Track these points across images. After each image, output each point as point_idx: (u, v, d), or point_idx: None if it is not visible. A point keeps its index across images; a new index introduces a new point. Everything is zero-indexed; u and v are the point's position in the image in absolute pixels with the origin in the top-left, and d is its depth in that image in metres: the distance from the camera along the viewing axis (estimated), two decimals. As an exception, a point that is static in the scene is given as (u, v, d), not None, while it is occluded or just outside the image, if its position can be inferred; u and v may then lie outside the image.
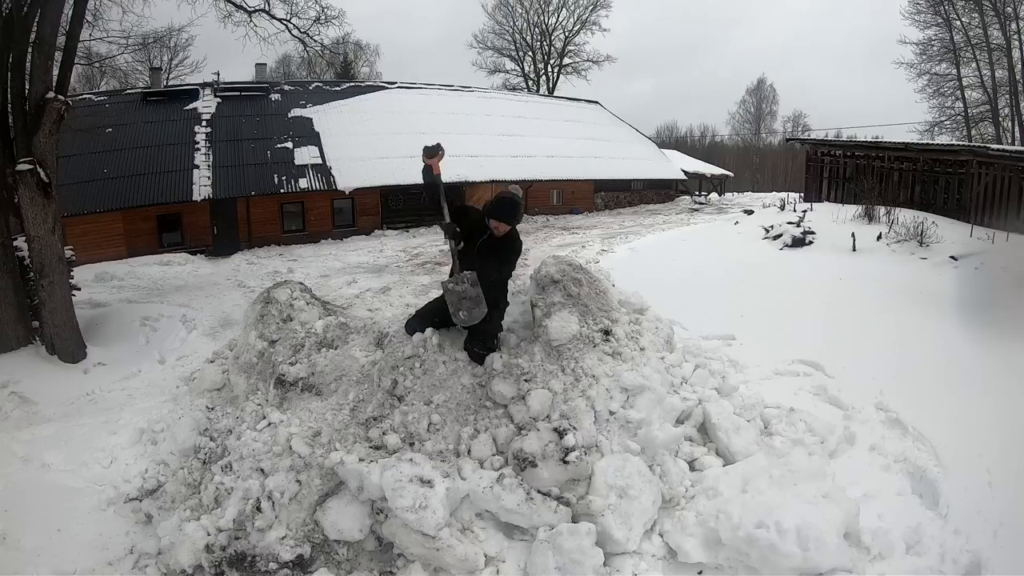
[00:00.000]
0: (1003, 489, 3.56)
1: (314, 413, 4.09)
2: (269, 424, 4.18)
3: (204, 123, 17.82)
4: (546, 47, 41.99)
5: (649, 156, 27.29)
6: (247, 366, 4.81)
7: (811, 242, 9.15)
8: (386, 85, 24.24)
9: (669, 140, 49.80)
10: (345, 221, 18.39)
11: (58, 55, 6.86)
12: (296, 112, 19.63)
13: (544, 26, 41.43)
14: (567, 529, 3.35)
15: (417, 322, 4.36)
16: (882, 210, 9.80)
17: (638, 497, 3.52)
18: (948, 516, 3.48)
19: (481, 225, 4.10)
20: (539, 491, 3.58)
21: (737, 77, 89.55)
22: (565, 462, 3.60)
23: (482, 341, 4.21)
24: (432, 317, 4.32)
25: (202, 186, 15.64)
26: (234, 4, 9.92)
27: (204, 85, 20.04)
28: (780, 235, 9.52)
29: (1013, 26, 24.84)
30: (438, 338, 4.26)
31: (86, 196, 14.17)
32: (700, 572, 3.30)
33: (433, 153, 4.01)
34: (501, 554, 3.46)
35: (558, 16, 41.02)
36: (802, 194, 15.58)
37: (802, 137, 22.98)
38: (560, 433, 3.72)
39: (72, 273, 7.26)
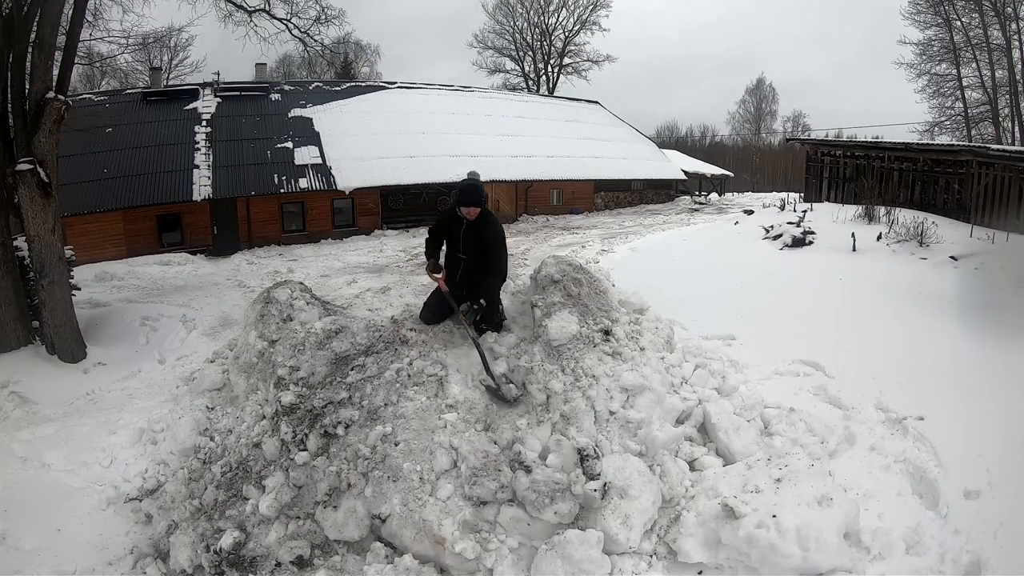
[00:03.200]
0: (1003, 489, 3.56)
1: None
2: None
3: (204, 123, 17.81)
4: (546, 47, 42.01)
5: (649, 156, 27.28)
6: (247, 366, 4.81)
7: (811, 242, 9.14)
8: (386, 85, 24.23)
9: (669, 140, 49.75)
10: (345, 221, 18.38)
11: (58, 55, 6.85)
12: (296, 112, 19.62)
13: (544, 26, 41.45)
14: (576, 537, 3.30)
15: (430, 314, 4.70)
16: (882, 210, 9.79)
17: (638, 497, 3.52)
18: (948, 516, 3.48)
19: (453, 221, 4.55)
20: (538, 493, 3.58)
21: (737, 76, 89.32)
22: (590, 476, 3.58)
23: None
24: (442, 308, 4.67)
25: (202, 186, 15.64)
26: (234, 4, 9.92)
27: (204, 85, 20.02)
28: (780, 235, 9.51)
29: (1013, 26, 24.85)
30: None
31: (86, 196, 14.17)
32: (700, 572, 3.30)
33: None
34: (502, 554, 3.45)
35: (558, 16, 41.05)
36: (802, 194, 15.57)
37: (802, 137, 22.97)
38: (583, 457, 3.66)
39: (72, 273, 7.25)
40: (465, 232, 4.50)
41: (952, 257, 7.57)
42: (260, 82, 21.90)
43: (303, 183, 17.05)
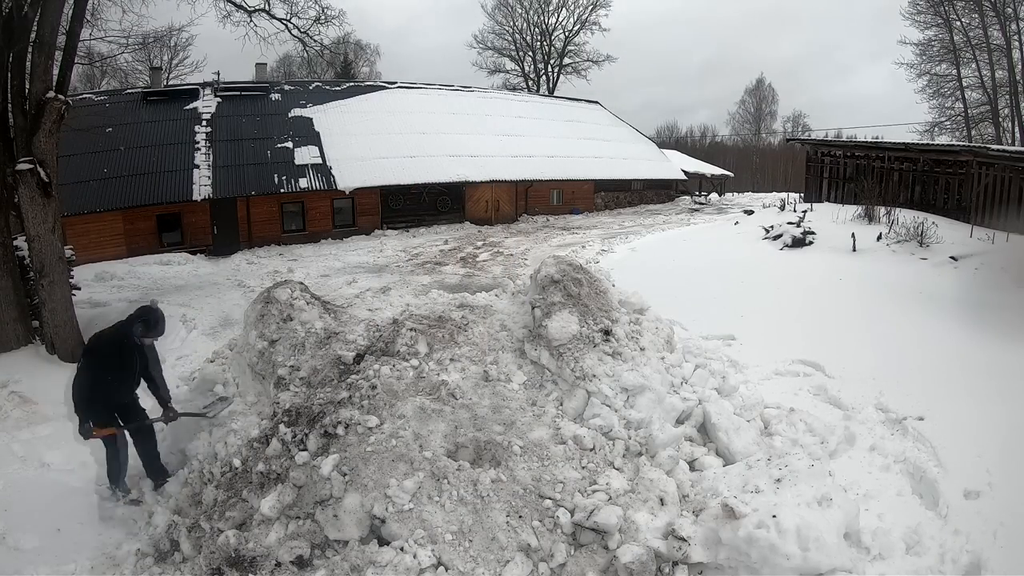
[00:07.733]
0: (1003, 489, 3.57)
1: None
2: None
3: (204, 123, 17.80)
4: (546, 47, 42.00)
5: (649, 156, 27.28)
6: (247, 366, 4.81)
7: (811, 242, 9.15)
8: (386, 85, 24.22)
9: (669, 140, 49.77)
10: (345, 221, 18.37)
11: (58, 55, 6.85)
12: (296, 112, 19.61)
13: (544, 26, 41.46)
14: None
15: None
16: (882, 210, 9.81)
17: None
18: (948, 516, 3.48)
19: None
20: (539, 494, 3.58)
21: (738, 76, 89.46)
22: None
23: None
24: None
25: (202, 186, 15.63)
26: (234, 4, 9.92)
27: (204, 85, 20.02)
28: (780, 235, 9.52)
29: (1013, 26, 24.86)
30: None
31: (86, 196, 14.16)
32: (700, 572, 3.30)
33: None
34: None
35: (558, 16, 41.05)
36: (802, 194, 15.58)
37: (802, 137, 22.98)
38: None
39: (72, 273, 7.25)
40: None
41: (952, 257, 7.58)
42: (260, 82, 21.89)
43: (303, 183, 17.05)
